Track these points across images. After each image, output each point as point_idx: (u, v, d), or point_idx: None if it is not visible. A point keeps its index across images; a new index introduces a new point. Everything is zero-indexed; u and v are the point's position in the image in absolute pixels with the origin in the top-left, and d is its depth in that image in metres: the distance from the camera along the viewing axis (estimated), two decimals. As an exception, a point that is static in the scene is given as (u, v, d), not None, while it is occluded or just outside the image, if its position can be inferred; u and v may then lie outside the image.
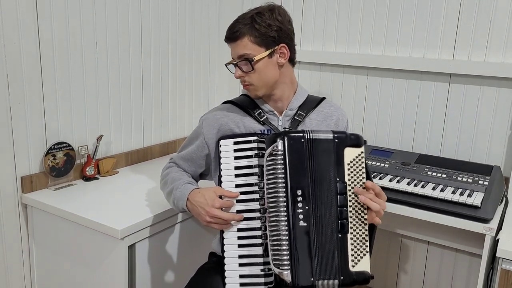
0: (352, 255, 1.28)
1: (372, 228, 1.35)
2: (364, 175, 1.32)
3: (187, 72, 2.40)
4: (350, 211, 1.29)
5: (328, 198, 1.28)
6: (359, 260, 1.28)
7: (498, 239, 1.54)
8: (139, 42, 2.10)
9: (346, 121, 1.59)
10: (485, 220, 1.61)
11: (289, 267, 1.24)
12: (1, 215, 1.68)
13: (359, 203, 1.30)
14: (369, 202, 1.27)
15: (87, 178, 1.91)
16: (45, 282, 1.77)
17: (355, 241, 1.28)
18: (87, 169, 1.91)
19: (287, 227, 1.25)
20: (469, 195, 1.71)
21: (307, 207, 1.26)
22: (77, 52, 1.84)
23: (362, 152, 1.32)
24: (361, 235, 1.29)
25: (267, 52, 1.42)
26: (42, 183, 1.78)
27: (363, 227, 1.30)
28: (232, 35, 1.42)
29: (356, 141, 1.32)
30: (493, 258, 1.63)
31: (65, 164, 1.82)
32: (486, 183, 1.78)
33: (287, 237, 1.25)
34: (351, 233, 1.28)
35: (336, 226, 1.28)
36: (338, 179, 1.29)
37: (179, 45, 2.32)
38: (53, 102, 1.79)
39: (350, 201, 1.29)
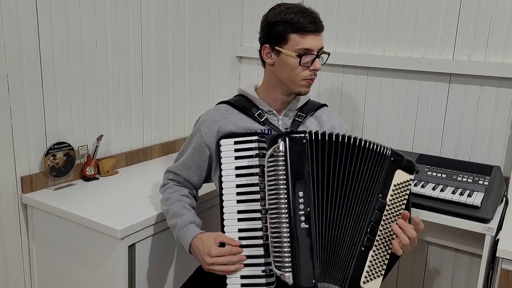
0: (367, 271, 1.26)
1: (395, 257, 1.32)
2: (405, 201, 1.30)
3: (187, 72, 2.40)
4: (381, 230, 1.28)
5: (364, 208, 1.28)
6: (371, 279, 1.27)
7: (498, 239, 1.54)
8: (139, 42, 2.10)
9: (345, 131, 1.58)
10: (485, 220, 1.61)
11: (290, 269, 1.23)
12: (1, 215, 1.68)
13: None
14: (401, 234, 1.26)
15: (87, 178, 1.91)
16: (45, 282, 1.77)
17: (375, 260, 1.27)
18: (87, 169, 1.91)
19: (288, 229, 1.24)
20: (469, 195, 1.71)
21: (308, 209, 1.25)
22: (77, 52, 1.84)
23: (411, 180, 1.31)
24: (382, 257, 1.28)
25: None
26: (42, 183, 1.78)
27: (386, 250, 1.28)
28: (321, 26, 1.43)
29: (409, 165, 1.30)
30: (493, 258, 1.63)
31: (65, 164, 1.82)
32: (486, 183, 1.78)
33: (289, 239, 1.24)
34: (374, 251, 1.27)
35: (364, 239, 1.26)
36: (380, 195, 1.28)
37: (179, 45, 2.32)
38: (53, 102, 1.79)
39: (384, 220, 1.28)
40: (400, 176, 1.29)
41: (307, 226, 1.25)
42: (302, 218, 1.25)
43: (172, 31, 2.27)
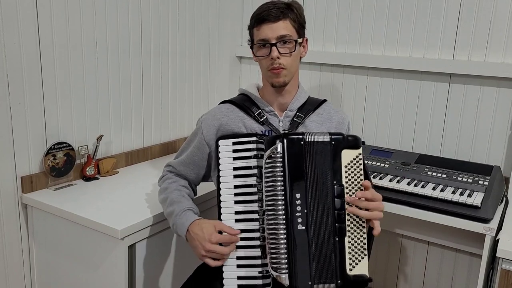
0: (350, 258, 1.26)
1: (370, 230, 1.34)
2: (362, 177, 1.30)
3: (187, 72, 2.40)
4: (348, 214, 1.27)
5: (326, 201, 1.27)
6: (357, 264, 1.27)
7: (498, 239, 1.55)
8: (139, 42, 2.10)
9: (347, 123, 1.58)
10: (485, 220, 1.61)
11: (287, 271, 1.23)
12: (1, 215, 1.68)
13: (357, 206, 1.28)
14: (359, 212, 1.27)
15: (87, 178, 1.91)
16: (45, 282, 1.77)
17: (353, 244, 1.27)
18: (87, 169, 1.91)
19: (285, 231, 1.24)
20: (469, 195, 1.71)
21: (305, 211, 1.25)
22: (77, 52, 1.84)
23: (360, 154, 1.30)
24: (359, 238, 1.28)
25: (300, 40, 1.44)
26: (42, 183, 1.78)
27: (361, 230, 1.28)
28: (276, 14, 1.40)
29: (353, 142, 1.30)
30: (493, 258, 1.63)
31: (65, 164, 1.82)
32: (486, 183, 1.78)
33: (285, 241, 1.24)
34: (349, 236, 1.27)
35: (334, 229, 1.26)
36: (335, 182, 1.27)
37: (179, 45, 2.32)
38: (53, 102, 1.79)
39: (348, 203, 1.28)
40: (347, 155, 1.29)
41: (304, 228, 1.24)
42: (299, 220, 1.24)
43: (172, 31, 2.27)
